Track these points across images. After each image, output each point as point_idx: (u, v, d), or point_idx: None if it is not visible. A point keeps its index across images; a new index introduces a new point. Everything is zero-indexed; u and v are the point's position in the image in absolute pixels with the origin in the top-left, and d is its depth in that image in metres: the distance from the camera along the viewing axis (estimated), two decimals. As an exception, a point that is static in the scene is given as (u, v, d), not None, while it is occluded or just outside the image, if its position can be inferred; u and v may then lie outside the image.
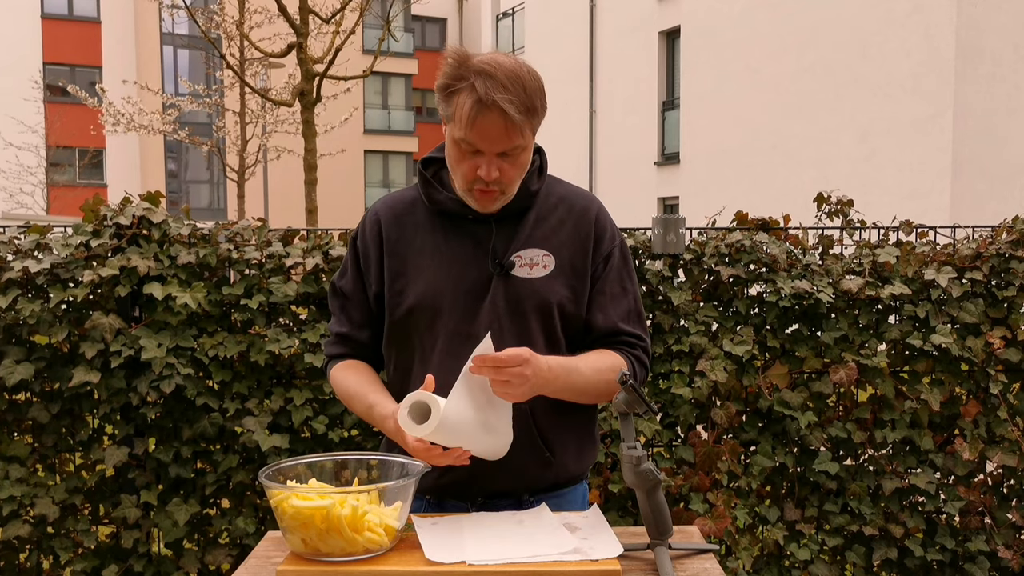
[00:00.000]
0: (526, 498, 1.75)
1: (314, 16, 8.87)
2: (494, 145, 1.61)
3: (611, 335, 1.76)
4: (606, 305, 1.76)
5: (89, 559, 2.99)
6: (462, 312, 1.70)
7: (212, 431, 2.97)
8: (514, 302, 1.70)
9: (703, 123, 16.06)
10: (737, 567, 3.02)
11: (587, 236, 1.76)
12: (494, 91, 1.56)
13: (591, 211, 1.79)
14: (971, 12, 11.57)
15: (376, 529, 1.41)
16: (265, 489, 1.45)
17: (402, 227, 1.76)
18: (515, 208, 1.72)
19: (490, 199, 1.67)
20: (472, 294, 1.70)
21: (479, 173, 1.63)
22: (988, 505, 3.19)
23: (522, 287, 1.70)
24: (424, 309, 1.71)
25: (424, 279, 1.71)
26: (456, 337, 1.69)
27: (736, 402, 3.11)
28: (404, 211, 1.78)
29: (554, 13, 21.07)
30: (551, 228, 1.74)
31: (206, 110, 17.37)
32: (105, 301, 2.93)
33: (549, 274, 1.72)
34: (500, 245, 1.71)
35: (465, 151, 1.63)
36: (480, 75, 1.57)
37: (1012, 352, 3.13)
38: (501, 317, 1.69)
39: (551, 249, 1.73)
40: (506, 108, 1.56)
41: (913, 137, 12.14)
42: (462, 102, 1.59)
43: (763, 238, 3.14)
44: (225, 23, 13.04)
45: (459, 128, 1.60)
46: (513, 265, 1.70)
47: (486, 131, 1.59)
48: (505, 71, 1.58)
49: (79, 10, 27.53)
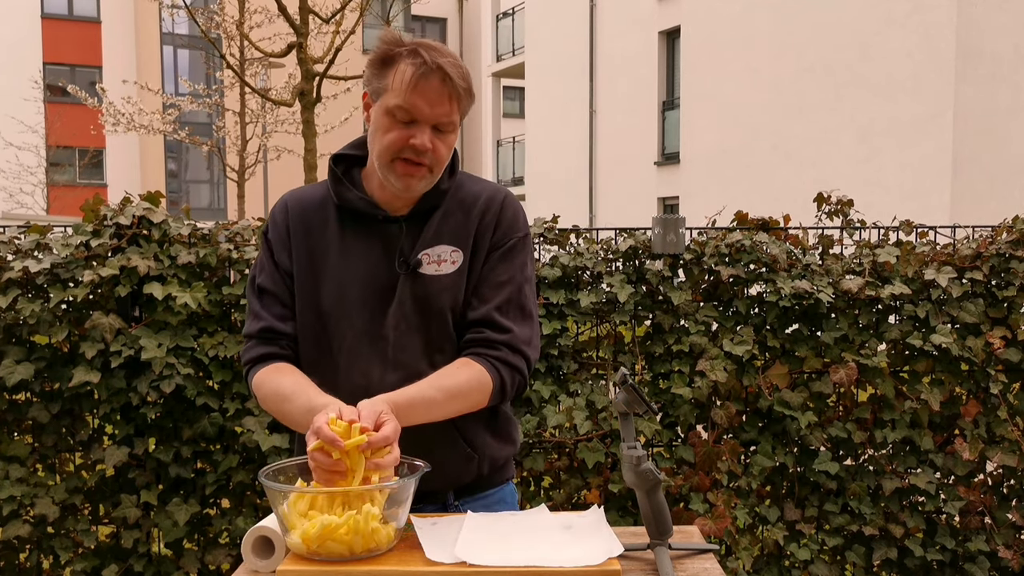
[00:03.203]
0: (452, 501, 1.73)
1: (314, 16, 8.87)
2: (434, 110, 1.59)
3: (483, 324, 1.68)
4: (484, 292, 1.70)
5: (89, 559, 2.99)
6: (370, 313, 1.67)
7: (212, 431, 2.97)
8: (422, 300, 1.67)
9: (703, 123, 16.05)
10: (737, 567, 3.01)
11: (487, 227, 1.71)
12: (438, 58, 1.58)
13: (495, 202, 1.73)
14: (971, 12, 11.56)
15: (383, 529, 1.41)
16: (266, 490, 1.45)
17: (309, 224, 1.73)
18: (424, 207, 1.69)
19: (417, 175, 1.62)
20: (379, 294, 1.67)
21: (412, 142, 1.59)
22: (988, 505, 3.19)
23: (430, 285, 1.67)
24: (331, 310, 1.68)
25: (331, 279, 1.69)
26: (364, 337, 1.67)
27: (736, 402, 3.11)
28: (312, 208, 1.74)
29: (554, 13, 21.05)
30: (459, 223, 1.70)
31: (206, 110, 17.37)
32: (105, 301, 2.93)
33: (457, 270, 1.68)
34: (408, 244, 1.68)
35: (399, 120, 1.60)
36: (421, 46, 1.60)
37: (1012, 352, 3.13)
38: (408, 316, 1.67)
39: (459, 243, 1.69)
40: (450, 73, 1.58)
41: (913, 137, 12.13)
42: (403, 69, 1.59)
43: (763, 238, 3.14)
44: (225, 23, 13.03)
45: (397, 95, 1.59)
46: (420, 263, 1.67)
47: (427, 94, 1.58)
48: (445, 50, 1.62)
49: (79, 10, 27.53)
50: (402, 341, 1.67)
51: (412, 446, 1.55)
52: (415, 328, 1.67)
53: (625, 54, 18.60)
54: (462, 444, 1.71)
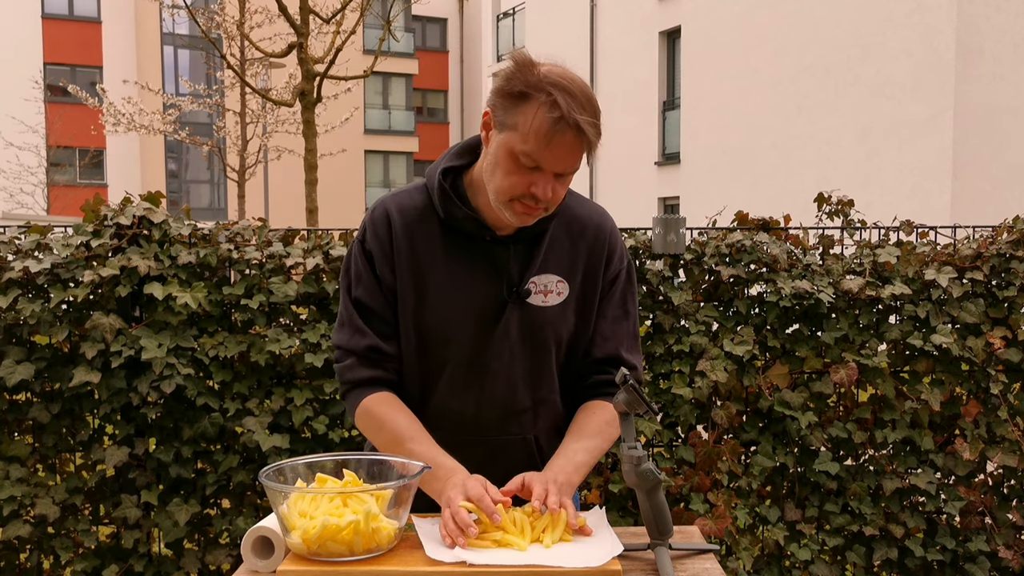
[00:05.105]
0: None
1: (314, 16, 8.87)
2: (562, 165, 1.51)
3: (608, 362, 1.72)
4: (606, 329, 1.72)
5: (89, 559, 2.99)
6: (474, 339, 1.63)
7: (212, 431, 2.97)
8: (527, 330, 1.65)
9: (703, 123, 16.05)
10: (737, 567, 3.02)
11: (599, 258, 1.70)
12: (576, 111, 1.46)
13: (605, 230, 1.72)
14: (971, 12, 11.56)
15: (384, 529, 1.41)
16: (266, 490, 1.45)
17: (414, 238, 1.64)
18: (533, 230, 1.64)
19: (534, 214, 1.56)
20: (485, 320, 1.63)
21: (534, 191, 1.51)
22: (988, 505, 3.19)
23: (536, 316, 1.64)
24: (435, 333, 1.64)
25: (435, 298, 1.63)
26: (465, 364, 1.65)
27: (736, 402, 3.11)
28: (415, 219, 1.65)
29: (554, 13, 21.06)
30: (565, 251, 1.68)
31: (206, 110, 17.39)
32: (105, 301, 2.93)
33: (563, 302, 1.66)
34: (515, 269, 1.64)
35: (523, 165, 1.51)
36: (559, 89, 1.47)
37: (1012, 352, 3.13)
38: (513, 346, 1.65)
39: (565, 274, 1.67)
40: (586, 130, 1.47)
41: (913, 137, 12.13)
42: (537, 115, 1.47)
43: (763, 238, 3.14)
44: (225, 23, 13.03)
45: (527, 141, 1.49)
46: (529, 292, 1.63)
47: (560, 151, 1.49)
48: (580, 88, 1.49)
49: (79, 10, 27.54)
50: (505, 371, 1.65)
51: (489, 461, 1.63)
52: (518, 358, 1.65)
53: (625, 54, 18.60)
54: (537, 459, 1.71)
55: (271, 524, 1.47)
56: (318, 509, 1.41)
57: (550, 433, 1.72)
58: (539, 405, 1.71)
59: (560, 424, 1.75)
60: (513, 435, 1.70)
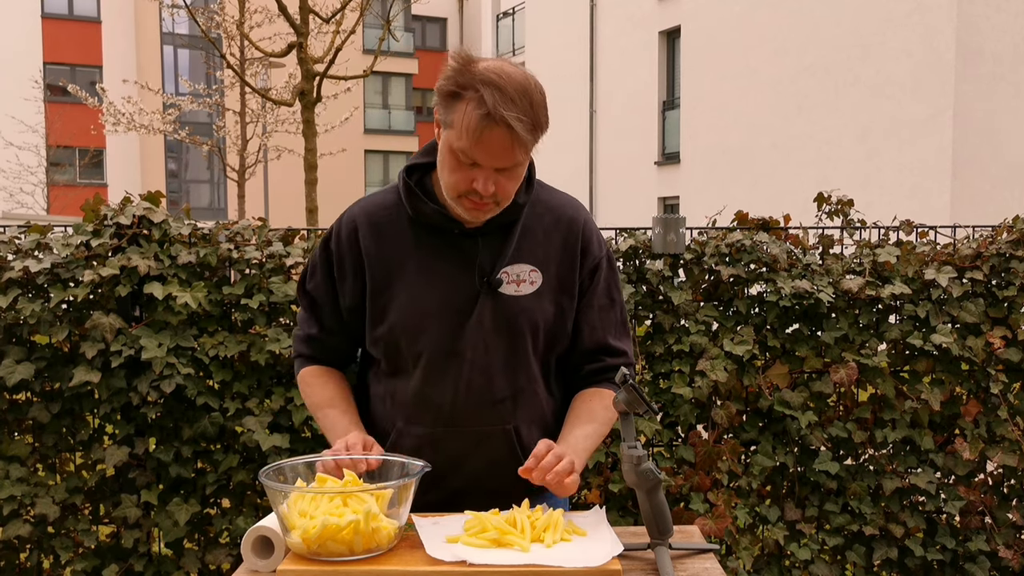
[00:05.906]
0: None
1: (314, 16, 8.86)
2: (496, 161, 1.54)
3: (598, 351, 1.75)
4: (593, 319, 1.74)
5: (89, 559, 2.99)
6: (447, 330, 1.66)
7: (212, 431, 2.97)
8: (501, 320, 1.66)
9: (703, 123, 16.06)
10: (737, 567, 3.02)
11: (574, 249, 1.72)
12: (503, 106, 1.48)
13: (578, 222, 1.74)
14: (971, 12, 11.56)
15: (384, 528, 1.41)
16: (266, 490, 1.45)
17: (382, 237, 1.69)
18: (502, 221, 1.66)
19: (482, 211, 1.60)
20: (457, 311, 1.65)
21: (475, 186, 1.55)
22: (988, 505, 3.19)
23: (509, 305, 1.66)
24: (408, 327, 1.67)
25: (408, 295, 1.66)
26: (440, 355, 1.66)
27: (736, 402, 3.11)
28: (384, 219, 1.70)
29: (554, 13, 21.06)
30: (538, 241, 1.70)
31: (206, 110, 17.40)
32: (105, 301, 2.93)
33: (536, 291, 1.68)
34: (486, 260, 1.66)
35: (462, 162, 1.55)
36: (488, 85, 1.49)
37: (1012, 352, 3.13)
38: (487, 336, 1.66)
39: (538, 264, 1.68)
40: (514, 125, 1.49)
41: (913, 137, 12.14)
42: (467, 112, 1.51)
43: (763, 238, 3.14)
44: (225, 23, 13.03)
45: (460, 138, 1.53)
46: (500, 282, 1.65)
47: (490, 147, 1.52)
48: (514, 84, 1.51)
49: (79, 10, 27.54)
50: (481, 361, 1.67)
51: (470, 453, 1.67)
52: (494, 347, 1.67)
53: (625, 54, 18.60)
54: (518, 451, 1.71)
55: (271, 524, 1.47)
56: (318, 509, 1.41)
57: (531, 425, 1.72)
58: (518, 394, 1.71)
59: (544, 416, 1.75)
60: (493, 426, 1.70)
